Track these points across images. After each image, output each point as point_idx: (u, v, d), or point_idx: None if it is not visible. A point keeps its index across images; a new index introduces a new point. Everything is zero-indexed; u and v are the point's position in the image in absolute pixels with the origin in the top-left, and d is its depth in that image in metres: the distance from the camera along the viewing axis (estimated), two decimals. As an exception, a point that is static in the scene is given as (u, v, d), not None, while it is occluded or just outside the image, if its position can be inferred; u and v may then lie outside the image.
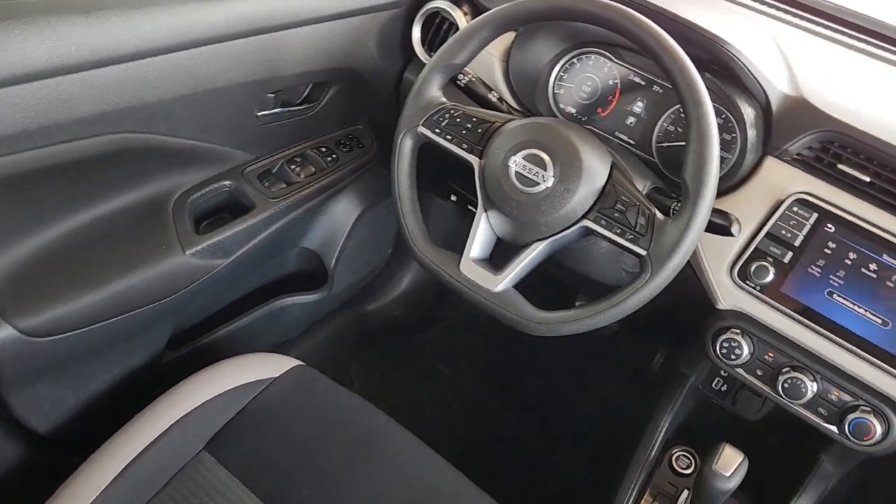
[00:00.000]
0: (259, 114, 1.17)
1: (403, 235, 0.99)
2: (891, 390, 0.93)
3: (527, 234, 0.93)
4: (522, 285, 0.94)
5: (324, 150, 1.32)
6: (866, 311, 0.94)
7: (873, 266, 0.93)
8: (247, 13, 1.01)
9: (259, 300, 1.39)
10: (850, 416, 0.94)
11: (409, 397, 1.71)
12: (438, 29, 1.24)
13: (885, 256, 0.93)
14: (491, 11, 0.96)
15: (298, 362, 1.09)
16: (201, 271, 1.12)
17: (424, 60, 1.26)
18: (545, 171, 0.90)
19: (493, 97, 1.08)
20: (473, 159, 0.96)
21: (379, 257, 1.70)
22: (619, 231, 0.87)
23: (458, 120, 0.97)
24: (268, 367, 1.06)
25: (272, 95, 1.17)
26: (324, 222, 1.42)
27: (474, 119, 0.97)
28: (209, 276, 1.13)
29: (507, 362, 1.83)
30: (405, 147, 0.99)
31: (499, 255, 0.97)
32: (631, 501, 1.08)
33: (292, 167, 1.27)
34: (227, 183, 1.18)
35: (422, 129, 0.98)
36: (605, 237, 0.89)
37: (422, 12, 1.24)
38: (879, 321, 0.93)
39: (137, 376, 1.18)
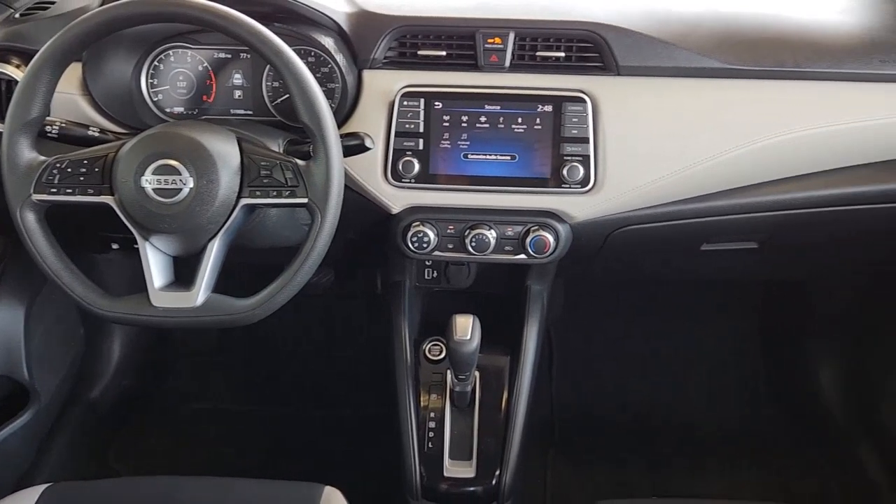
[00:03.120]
0: None
1: (79, 305, 0.94)
2: (542, 205, 1.11)
3: (197, 240, 0.93)
4: (232, 290, 0.95)
5: (-58, 271, 1.17)
6: (496, 155, 1.11)
7: (483, 118, 1.10)
8: None
9: None
10: (528, 240, 1.11)
11: (184, 450, 1.65)
12: (-2, 92, 1.13)
13: (486, 107, 1.10)
14: (40, 52, 0.91)
15: (46, 485, 0.99)
16: None
17: None
18: (180, 175, 0.90)
19: (93, 133, 1.04)
20: (106, 198, 0.92)
21: (74, 340, 1.56)
22: (275, 193, 0.92)
23: (69, 170, 0.92)
24: None
25: None
26: (-9, 341, 1.27)
27: (85, 161, 0.93)
28: None
29: (254, 362, 1.83)
30: (29, 222, 0.92)
31: (184, 271, 0.97)
32: (412, 405, 1.19)
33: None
34: None
35: (37, 197, 0.91)
36: (267, 205, 0.94)
37: (-31, 83, 1.12)
38: (509, 157, 1.10)
39: None
